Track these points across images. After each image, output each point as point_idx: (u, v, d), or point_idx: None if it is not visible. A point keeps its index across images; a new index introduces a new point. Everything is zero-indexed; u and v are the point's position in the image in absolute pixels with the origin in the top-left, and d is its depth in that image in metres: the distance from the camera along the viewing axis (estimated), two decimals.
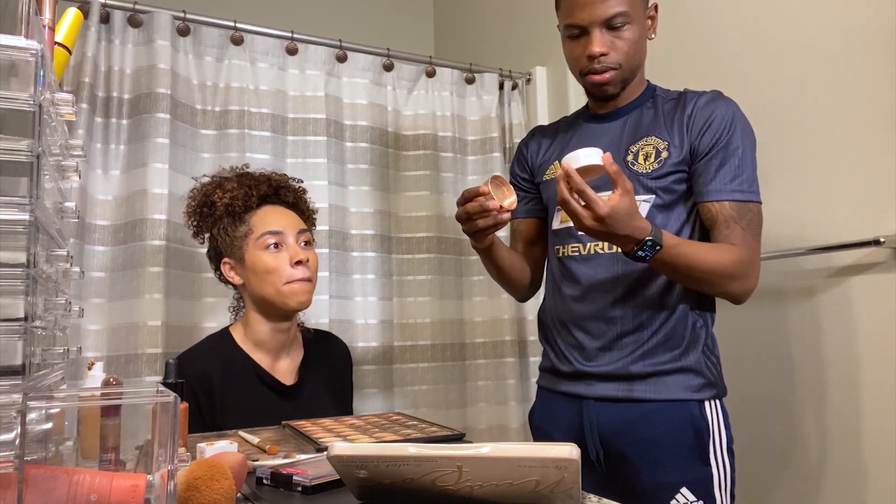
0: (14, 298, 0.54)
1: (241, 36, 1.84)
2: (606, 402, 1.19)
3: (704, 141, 1.17)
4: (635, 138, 1.23)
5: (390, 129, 2.05)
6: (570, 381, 1.25)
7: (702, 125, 1.18)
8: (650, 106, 1.26)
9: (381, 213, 1.99)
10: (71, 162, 0.72)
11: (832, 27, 1.37)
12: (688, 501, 1.12)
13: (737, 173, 1.15)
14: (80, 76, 1.60)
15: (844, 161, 1.34)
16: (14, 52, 0.54)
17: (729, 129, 1.16)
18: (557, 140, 1.37)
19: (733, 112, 1.18)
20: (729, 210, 1.14)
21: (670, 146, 1.19)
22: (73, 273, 0.76)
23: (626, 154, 1.23)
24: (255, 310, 1.41)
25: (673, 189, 1.19)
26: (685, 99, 1.23)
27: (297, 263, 1.37)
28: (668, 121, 1.22)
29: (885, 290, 1.27)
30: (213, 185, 1.44)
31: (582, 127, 1.33)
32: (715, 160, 1.16)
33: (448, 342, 2.02)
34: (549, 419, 1.30)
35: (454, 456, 0.63)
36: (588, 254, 1.24)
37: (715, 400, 1.17)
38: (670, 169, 1.18)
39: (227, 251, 1.41)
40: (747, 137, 1.18)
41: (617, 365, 1.19)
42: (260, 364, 1.39)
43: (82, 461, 0.68)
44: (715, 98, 1.21)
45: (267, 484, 0.80)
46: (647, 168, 1.20)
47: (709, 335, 1.21)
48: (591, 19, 1.17)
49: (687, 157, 1.18)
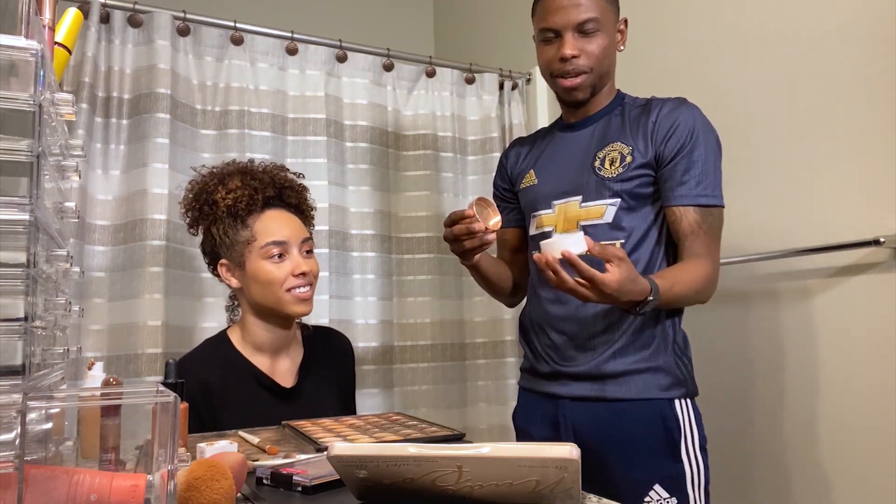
0: (14, 298, 0.54)
1: (241, 36, 1.84)
2: (580, 401, 1.24)
3: (669, 147, 1.22)
4: (602, 144, 1.29)
5: (390, 129, 2.05)
6: (547, 380, 1.30)
7: (666, 132, 1.23)
8: (618, 113, 1.31)
9: (381, 213, 1.99)
10: (71, 162, 0.72)
11: (832, 26, 1.37)
12: (661, 498, 1.15)
13: (700, 178, 1.20)
14: (80, 76, 1.60)
15: (844, 161, 1.34)
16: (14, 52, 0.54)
17: (692, 136, 1.21)
18: (534, 149, 1.43)
19: (696, 119, 1.23)
20: (693, 214, 1.19)
21: (634, 150, 1.24)
22: (73, 273, 0.76)
23: (594, 160, 1.28)
24: (252, 313, 1.39)
25: (638, 192, 1.24)
26: (650, 106, 1.28)
27: (299, 275, 1.36)
28: (634, 127, 1.27)
29: (884, 290, 1.27)
30: (215, 179, 1.40)
31: (556, 136, 1.39)
32: (679, 166, 1.20)
33: (448, 342, 2.02)
34: (528, 418, 1.35)
35: (454, 456, 0.63)
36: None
37: (685, 399, 1.21)
38: (634, 173, 1.23)
39: (225, 253, 1.39)
40: (710, 143, 1.22)
41: (590, 365, 1.23)
42: (259, 367, 1.38)
43: (82, 461, 0.68)
44: (679, 105, 1.25)
45: (267, 484, 0.80)
46: (612, 172, 1.25)
47: (678, 334, 1.26)
48: (565, 23, 1.24)
49: (652, 162, 1.23)
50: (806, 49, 1.42)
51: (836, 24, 1.37)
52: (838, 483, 1.34)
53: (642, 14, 1.81)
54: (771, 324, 1.48)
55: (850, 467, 1.32)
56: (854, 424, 1.32)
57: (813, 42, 1.41)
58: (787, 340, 1.44)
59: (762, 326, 1.50)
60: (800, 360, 1.42)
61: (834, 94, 1.37)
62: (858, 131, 1.32)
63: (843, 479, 1.34)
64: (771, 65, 1.49)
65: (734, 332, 1.55)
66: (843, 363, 1.34)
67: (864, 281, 1.31)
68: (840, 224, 1.34)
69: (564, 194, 1.30)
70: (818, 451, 1.38)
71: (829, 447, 1.37)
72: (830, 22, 1.38)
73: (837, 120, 1.36)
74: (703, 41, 1.66)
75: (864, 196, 1.31)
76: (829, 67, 1.38)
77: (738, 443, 1.53)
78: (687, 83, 1.68)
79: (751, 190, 1.52)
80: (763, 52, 1.51)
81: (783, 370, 1.45)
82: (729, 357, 1.56)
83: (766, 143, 1.49)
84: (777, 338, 1.47)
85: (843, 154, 1.35)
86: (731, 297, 1.56)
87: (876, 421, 1.28)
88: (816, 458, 1.38)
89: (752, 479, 1.51)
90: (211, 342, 1.42)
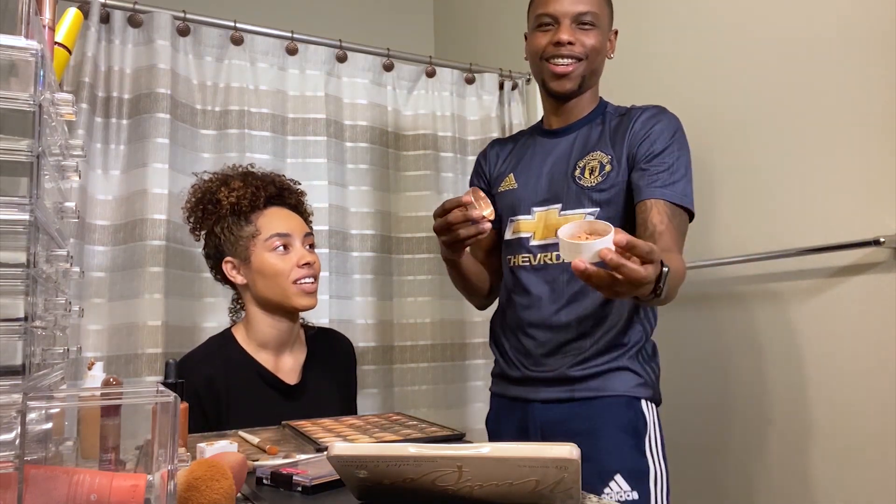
0: (14, 298, 0.54)
1: (241, 36, 1.84)
2: (550, 403, 1.25)
3: (644, 148, 1.23)
4: (583, 153, 1.30)
5: (390, 129, 2.05)
6: (518, 385, 1.31)
7: (642, 137, 1.24)
8: (599, 123, 1.32)
9: (381, 213, 1.99)
10: (71, 162, 0.72)
11: (832, 26, 1.37)
12: (622, 490, 1.15)
13: (674, 179, 1.20)
14: (80, 76, 1.60)
15: (844, 161, 1.34)
16: (14, 52, 0.54)
17: (668, 141, 1.22)
18: (514, 152, 1.42)
19: (675, 127, 1.25)
20: (664, 207, 1.18)
21: (613, 160, 1.26)
22: (73, 273, 0.76)
23: (574, 169, 1.29)
24: (258, 308, 1.40)
25: (615, 202, 1.25)
26: (630, 114, 1.29)
27: (304, 265, 1.39)
28: (613, 136, 1.28)
29: (885, 290, 1.27)
30: (217, 182, 1.43)
31: (537, 141, 1.39)
32: (655, 165, 1.21)
33: (448, 342, 2.02)
34: (499, 423, 1.36)
35: (454, 456, 0.63)
36: (539, 264, 1.29)
37: (651, 402, 1.24)
38: (612, 182, 1.25)
39: (230, 250, 1.40)
40: (684, 152, 1.23)
41: (559, 371, 1.25)
42: (263, 364, 1.39)
43: (82, 461, 0.68)
44: (657, 113, 1.27)
45: (267, 484, 0.80)
46: (591, 182, 1.26)
47: (647, 343, 1.28)
48: (564, 11, 1.26)
49: (625, 168, 1.24)
50: (806, 48, 1.42)
51: (836, 24, 1.37)
52: (839, 483, 1.34)
53: (649, 4, 1.81)
54: (771, 324, 1.48)
55: (851, 468, 1.32)
56: (854, 425, 1.32)
57: (813, 41, 1.41)
58: (787, 340, 1.44)
59: (762, 327, 1.50)
60: (800, 360, 1.42)
61: (834, 93, 1.37)
62: (858, 131, 1.32)
63: (844, 480, 1.34)
64: (771, 64, 1.49)
65: (734, 332, 1.55)
66: (844, 363, 1.34)
67: (864, 281, 1.31)
68: (840, 224, 1.34)
69: (545, 202, 1.30)
70: (818, 451, 1.38)
71: (829, 447, 1.36)
72: (831, 21, 1.38)
73: (837, 120, 1.36)
74: (704, 40, 1.66)
75: (864, 196, 1.31)
76: (829, 67, 1.38)
77: (738, 444, 1.53)
78: (687, 82, 1.68)
79: (751, 190, 1.52)
80: (763, 51, 1.51)
81: (784, 370, 1.45)
82: (729, 357, 1.56)
83: (766, 142, 1.49)
84: (777, 338, 1.47)
85: (843, 154, 1.35)
86: (731, 297, 1.56)
87: (876, 421, 1.28)
88: (817, 458, 1.38)
89: (753, 478, 1.51)
90: (215, 339, 1.43)
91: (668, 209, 1.18)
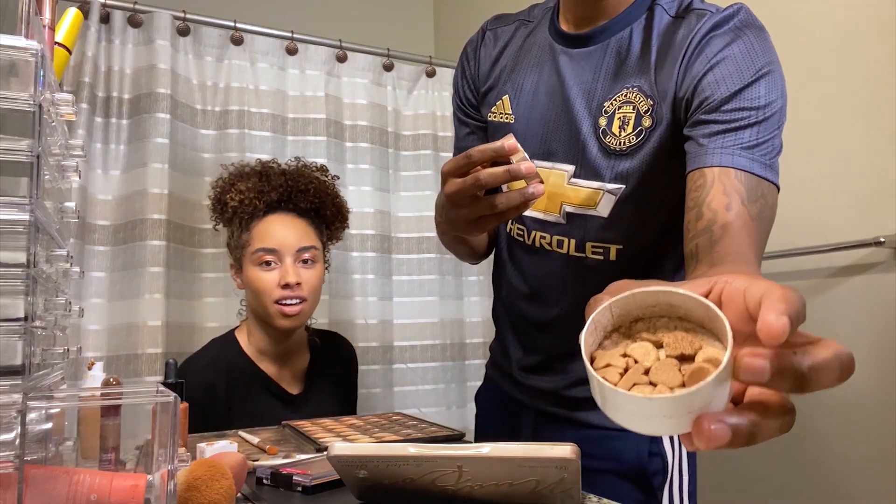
0: (14, 298, 0.54)
1: (241, 36, 1.84)
2: (546, 416, 1.01)
3: (706, 89, 0.78)
4: (614, 87, 0.85)
5: (390, 129, 2.05)
6: (512, 384, 1.07)
7: (706, 67, 0.78)
8: (643, 23, 0.85)
9: (381, 213, 1.99)
10: (71, 162, 0.72)
11: (832, 24, 1.37)
12: None
13: (759, 139, 0.77)
14: (80, 76, 1.61)
15: (844, 161, 1.34)
16: (14, 52, 0.54)
17: (754, 75, 0.79)
18: (517, 57, 0.97)
19: (764, 49, 0.82)
20: (734, 181, 0.73)
21: (657, 108, 0.81)
22: (73, 273, 0.76)
23: (599, 115, 0.85)
24: (253, 318, 1.39)
25: (648, 177, 0.83)
26: (689, 20, 0.82)
27: (285, 286, 1.31)
28: (662, 59, 0.82)
29: (885, 290, 1.27)
30: (230, 181, 1.40)
31: (549, 52, 0.92)
32: (722, 117, 0.76)
33: (448, 342, 2.02)
34: (489, 412, 1.14)
35: (454, 456, 0.63)
36: (531, 245, 0.96)
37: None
38: (654, 145, 0.81)
39: (231, 253, 1.41)
40: (777, 94, 0.81)
41: (558, 386, 0.98)
42: (266, 372, 1.37)
43: (82, 461, 0.68)
44: (735, 24, 0.80)
45: (267, 484, 0.80)
46: (620, 143, 0.83)
47: None
48: None
49: (668, 119, 0.81)
50: (805, 48, 1.42)
51: (836, 23, 1.37)
52: (838, 483, 1.34)
53: None
54: None
55: (851, 468, 1.32)
56: (854, 425, 1.32)
57: (813, 41, 1.41)
58: None
59: None
60: None
61: (834, 93, 1.37)
62: (859, 131, 1.32)
63: (844, 480, 1.33)
64: None
65: None
66: None
67: (864, 281, 1.31)
68: (840, 224, 1.34)
69: (550, 155, 0.89)
70: (818, 451, 1.38)
71: (829, 448, 1.36)
72: (830, 21, 1.38)
73: (837, 119, 1.36)
74: None
75: (865, 196, 1.31)
76: (830, 66, 1.38)
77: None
78: None
79: None
80: None
81: None
82: None
83: None
84: None
85: (844, 154, 1.35)
86: None
87: (877, 421, 1.28)
88: (816, 458, 1.38)
89: (742, 478, 1.51)
90: (218, 343, 1.41)
91: (742, 185, 0.73)
